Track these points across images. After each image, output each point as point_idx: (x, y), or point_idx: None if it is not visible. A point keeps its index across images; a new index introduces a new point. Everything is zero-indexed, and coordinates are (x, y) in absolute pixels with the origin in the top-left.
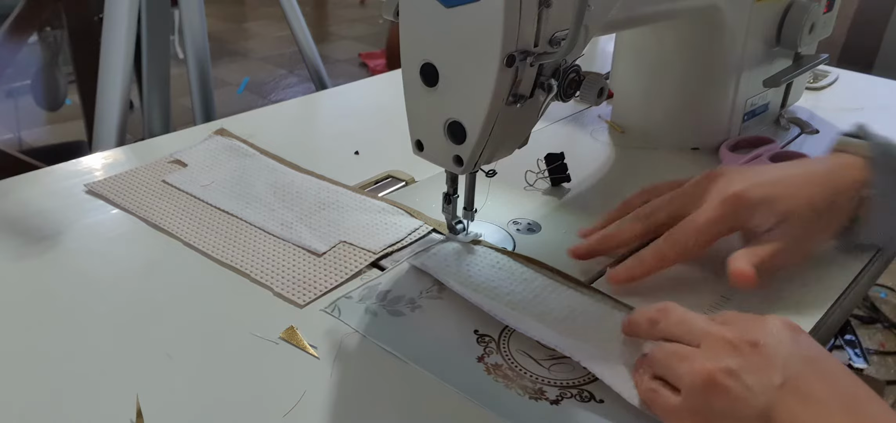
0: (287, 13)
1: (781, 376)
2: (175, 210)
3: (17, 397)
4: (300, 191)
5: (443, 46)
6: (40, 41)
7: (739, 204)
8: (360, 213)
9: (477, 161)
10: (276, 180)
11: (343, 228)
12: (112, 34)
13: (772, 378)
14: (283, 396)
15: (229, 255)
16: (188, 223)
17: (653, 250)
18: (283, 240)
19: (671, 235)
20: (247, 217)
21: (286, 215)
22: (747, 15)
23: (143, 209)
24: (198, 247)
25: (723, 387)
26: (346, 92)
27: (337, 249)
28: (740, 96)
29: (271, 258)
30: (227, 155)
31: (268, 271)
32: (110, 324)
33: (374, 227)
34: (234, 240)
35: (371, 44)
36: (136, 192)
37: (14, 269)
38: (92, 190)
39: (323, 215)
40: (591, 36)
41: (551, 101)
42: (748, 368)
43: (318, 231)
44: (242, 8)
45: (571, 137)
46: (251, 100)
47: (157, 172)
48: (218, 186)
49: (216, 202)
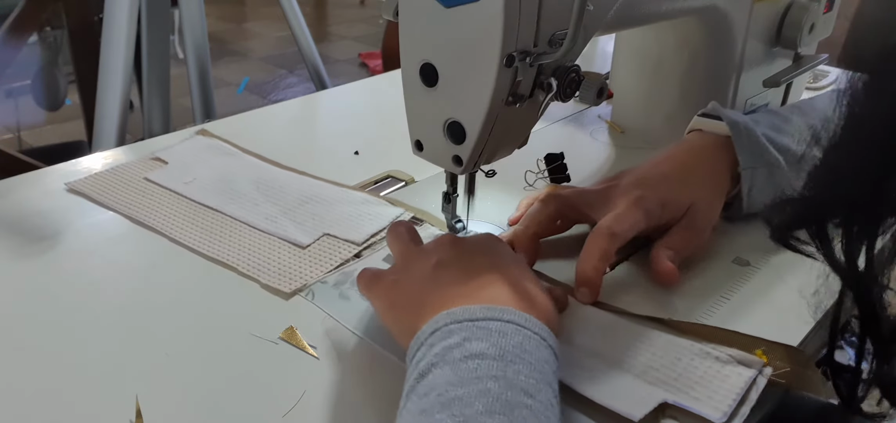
0: (287, 13)
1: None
2: (158, 207)
3: (17, 397)
4: (283, 186)
5: (442, 46)
6: (40, 41)
7: (651, 203)
8: (343, 205)
9: (476, 161)
10: (259, 176)
11: (326, 220)
12: (112, 34)
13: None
14: (282, 396)
15: (215, 249)
16: (171, 219)
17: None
18: (267, 234)
19: (604, 227)
20: (230, 212)
21: (270, 210)
22: (747, 15)
23: (126, 206)
24: (182, 242)
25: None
26: (346, 92)
27: (321, 241)
28: (740, 96)
29: (257, 252)
30: (208, 153)
31: (254, 264)
32: (110, 324)
33: (357, 218)
34: (219, 235)
35: (371, 44)
36: (117, 189)
37: (14, 269)
38: (73, 188)
39: (306, 208)
40: (591, 36)
41: (551, 101)
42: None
43: (302, 225)
44: (242, 8)
45: (571, 137)
46: (251, 100)
47: (139, 170)
48: (200, 182)
49: (199, 198)
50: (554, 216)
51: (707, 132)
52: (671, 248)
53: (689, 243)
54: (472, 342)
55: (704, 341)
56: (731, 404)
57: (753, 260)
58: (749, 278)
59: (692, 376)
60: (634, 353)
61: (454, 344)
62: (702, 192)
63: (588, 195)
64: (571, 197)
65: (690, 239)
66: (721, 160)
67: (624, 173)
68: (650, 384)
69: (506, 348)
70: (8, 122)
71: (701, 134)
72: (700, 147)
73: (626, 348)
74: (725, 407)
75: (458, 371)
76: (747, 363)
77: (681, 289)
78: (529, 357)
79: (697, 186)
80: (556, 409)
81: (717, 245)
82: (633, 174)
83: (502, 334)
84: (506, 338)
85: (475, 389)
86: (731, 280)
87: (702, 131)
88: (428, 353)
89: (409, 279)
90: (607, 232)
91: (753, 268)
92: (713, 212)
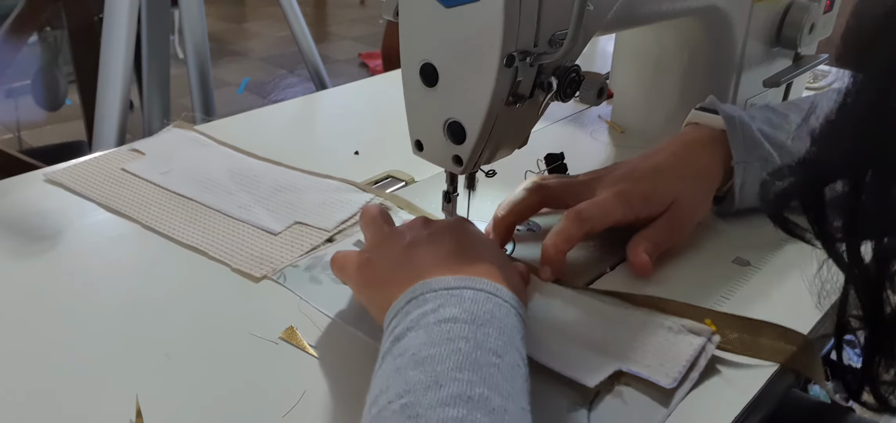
0: (287, 13)
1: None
2: (134, 196)
3: (17, 397)
4: (257, 175)
5: (443, 46)
6: (40, 41)
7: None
8: (315, 193)
9: (477, 161)
10: (233, 166)
11: (298, 209)
12: (112, 34)
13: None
14: (282, 396)
15: (188, 235)
16: (148, 208)
17: (558, 232)
18: (240, 221)
19: (574, 211)
20: (205, 201)
21: (244, 198)
22: (747, 15)
23: (103, 196)
24: (157, 229)
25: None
26: (346, 92)
27: (292, 229)
28: (740, 96)
29: (229, 238)
30: (184, 144)
31: (226, 250)
32: (110, 324)
33: (329, 205)
34: (193, 222)
35: (371, 44)
36: (95, 180)
37: (14, 269)
38: (50, 179)
39: (279, 197)
40: (591, 36)
41: (551, 101)
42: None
43: (275, 212)
44: (242, 8)
45: (571, 137)
46: (251, 100)
47: (116, 161)
48: (176, 172)
49: (175, 188)
50: (537, 206)
51: (703, 125)
52: (650, 240)
53: (668, 236)
54: (445, 308)
55: (659, 313)
56: (681, 370)
57: (753, 260)
58: (749, 278)
59: (645, 345)
60: (591, 326)
61: (429, 310)
62: (688, 187)
63: (574, 187)
64: (556, 187)
65: (671, 233)
66: (714, 154)
67: (615, 166)
68: (606, 355)
69: (477, 314)
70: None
71: (697, 127)
72: (694, 141)
73: (583, 321)
74: (675, 373)
75: (431, 334)
76: (697, 332)
77: (681, 289)
78: (499, 323)
79: (684, 181)
80: (523, 370)
81: (717, 245)
82: (623, 167)
83: (474, 302)
84: (477, 305)
85: (447, 349)
86: (731, 280)
87: (698, 125)
88: (404, 320)
89: (381, 258)
90: (575, 215)
91: (753, 268)
92: (698, 207)
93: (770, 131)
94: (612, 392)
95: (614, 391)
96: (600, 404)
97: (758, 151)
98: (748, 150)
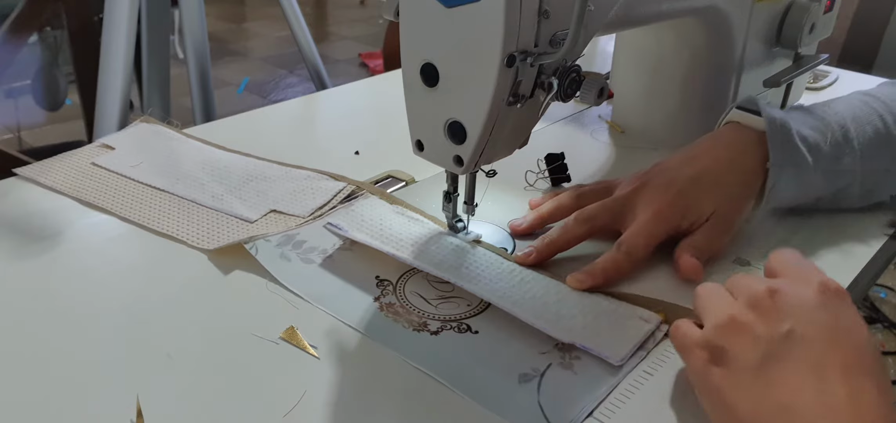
0: (287, 13)
1: (789, 325)
2: (106, 189)
3: (17, 397)
4: (228, 166)
5: (443, 46)
6: (40, 41)
7: (672, 214)
8: (287, 182)
9: (477, 161)
10: (204, 158)
11: (272, 197)
12: (112, 34)
13: (779, 327)
14: (282, 396)
15: (163, 225)
16: (120, 200)
17: (610, 261)
18: (215, 211)
19: (623, 245)
20: (178, 192)
21: (216, 189)
22: (747, 15)
23: (73, 190)
24: (132, 219)
25: (741, 326)
26: (346, 92)
27: (268, 217)
28: (740, 97)
29: (205, 226)
30: (153, 139)
31: (202, 237)
32: (111, 324)
33: (302, 193)
34: (167, 213)
35: (371, 44)
36: (65, 174)
37: (14, 269)
38: (21, 174)
39: (251, 186)
40: (592, 36)
41: (551, 101)
42: (761, 315)
43: (249, 201)
44: (242, 8)
45: (571, 137)
46: (251, 100)
47: (86, 156)
48: (147, 165)
49: (147, 180)
50: (581, 238)
51: (745, 126)
52: (693, 247)
53: (711, 244)
54: None
55: (617, 301)
56: (629, 350)
57: (753, 260)
58: None
59: (599, 326)
60: (555, 305)
61: None
62: (728, 194)
63: (614, 209)
64: (600, 216)
65: (713, 240)
66: (754, 158)
67: (654, 171)
68: (564, 329)
69: None
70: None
71: (739, 128)
72: (736, 143)
73: (552, 292)
74: (623, 353)
75: None
76: (647, 320)
77: (681, 288)
78: None
79: (724, 189)
80: None
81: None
82: (661, 176)
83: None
84: None
85: None
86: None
87: (740, 125)
88: None
89: (752, 341)
90: (625, 255)
91: (753, 268)
92: (739, 214)
93: (808, 134)
94: (563, 364)
95: (565, 362)
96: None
97: (794, 157)
98: (785, 153)
